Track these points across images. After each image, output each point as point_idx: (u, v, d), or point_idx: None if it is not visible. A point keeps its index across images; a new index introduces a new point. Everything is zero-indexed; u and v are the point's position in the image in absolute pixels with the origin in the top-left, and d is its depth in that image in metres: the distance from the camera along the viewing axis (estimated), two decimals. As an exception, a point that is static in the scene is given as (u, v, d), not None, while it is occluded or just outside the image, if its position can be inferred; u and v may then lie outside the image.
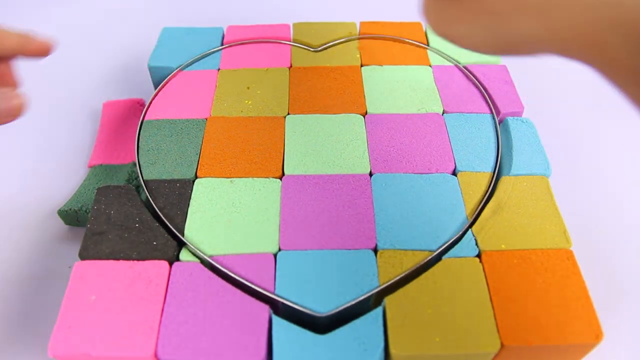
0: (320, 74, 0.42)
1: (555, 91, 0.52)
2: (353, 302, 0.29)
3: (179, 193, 0.34)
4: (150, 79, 0.48)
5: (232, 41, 0.46)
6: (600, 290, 0.34)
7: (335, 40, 0.46)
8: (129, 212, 0.32)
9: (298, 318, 0.29)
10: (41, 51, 0.33)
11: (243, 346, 0.27)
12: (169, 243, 0.30)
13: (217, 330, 0.27)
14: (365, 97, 0.40)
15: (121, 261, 0.30)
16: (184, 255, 0.31)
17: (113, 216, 0.32)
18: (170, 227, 0.32)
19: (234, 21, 0.50)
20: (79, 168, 0.44)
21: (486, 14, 0.18)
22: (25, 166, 0.44)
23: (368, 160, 0.36)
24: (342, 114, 0.39)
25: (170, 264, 0.30)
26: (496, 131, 0.38)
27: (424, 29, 0.47)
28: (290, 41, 0.46)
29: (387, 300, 0.29)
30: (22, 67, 0.55)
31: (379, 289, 0.29)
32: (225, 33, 0.47)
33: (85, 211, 0.36)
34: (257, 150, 0.36)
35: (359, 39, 0.46)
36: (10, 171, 0.43)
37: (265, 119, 0.39)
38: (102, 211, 0.32)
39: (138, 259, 0.29)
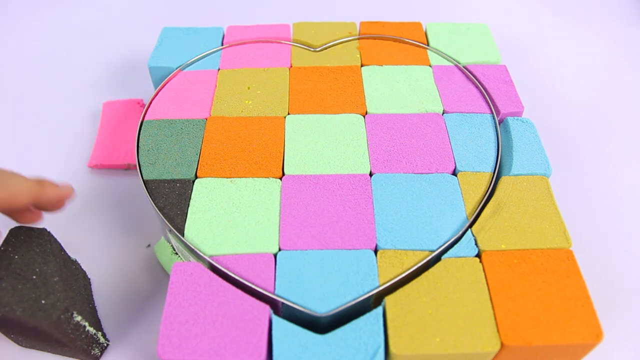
0: (320, 74, 0.42)
1: (555, 91, 0.52)
2: (353, 302, 0.29)
3: (179, 193, 0.34)
4: (150, 79, 0.48)
5: (232, 41, 0.46)
6: (600, 290, 0.34)
7: (335, 40, 0.46)
8: (32, 259, 0.30)
9: (298, 318, 0.29)
10: (56, 204, 0.32)
11: (243, 346, 0.27)
12: (57, 304, 0.28)
13: (217, 330, 0.27)
14: (365, 97, 0.40)
15: None
16: (157, 248, 0.30)
17: (15, 261, 0.30)
18: (170, 227, 0.32)
19: (234, 21, 0.50)
20: (79, 168, 0.44)
21: None
22: (25, 166, 0.44)
23: (368, 160, 0.36)
24: (342, 114, 0.39)
25: (53, 327, 0.28)
26: (496, 131, 0.38)
27: (424, 29, 0.47)
28: (290, 41, 0.46)
29: (387, 300, 0.29)
30: (21, 65, 0.55)
31: (379, 289, 0.29)
32: (225, 33, 0.47)
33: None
34: (257, 150, 0.36)
35: (359, 39, 0.46)
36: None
37: (265, 119, 0.39)
38: (7, 254, 0.30)
39: (21, 316, 0.27)
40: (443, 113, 0.39)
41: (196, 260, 0.32)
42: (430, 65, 0.43)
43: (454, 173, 0.35)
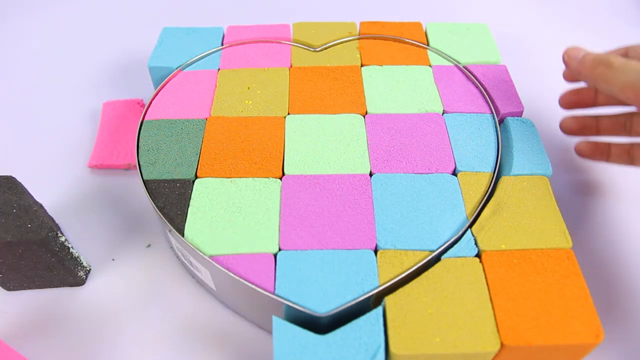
0: (320, 74, 0.42)
1: (555, 91, 0.52)
2: (353, 302, 0.29)
3: (179, 193, 0.34)
4: (150, 79, 0.48)
5: (232, 41, 0.46)
6: (600, 290, 0.34)
7: (335, 40, 0.46)
8: (8, 199, 0.32)
9: (298, 318, 0.29)
10: None
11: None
12: (43, 225, 0.31)
13: None
14: (365, 97, 0.40)
15: None
16: None
17: None
18: (171, 227, 0.32)
19: (234, 21, 0.50)
20: (79, 168, 0.44)
21: None
22: (25, 166, 0.44)
23: (368, 160, 0.36)
24: (342, 114, 0.39)
25: (43, 245, 0.30)
26: (496, 131, 0.38)
27: (424, 29, 0.47)
28: (290, 41, 0.46)
29: (387, 300, 0.29)
30: (21, 65, 0.55)
31: (379, 289, 0.29)
32: (225, 33, 0.47)
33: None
34: (257, 150, 0.36)
35: (359, 39, 0.46)
36: (10, 171, 0.43)
37: (265, 119, 0.39)
38: None
39: (12, 241, 0.30)
40: (443, 113, 0.39)
41: (196, 260, 0.32)
42: (430, 65, 0.43)
43: (454, 173, 0.35)
